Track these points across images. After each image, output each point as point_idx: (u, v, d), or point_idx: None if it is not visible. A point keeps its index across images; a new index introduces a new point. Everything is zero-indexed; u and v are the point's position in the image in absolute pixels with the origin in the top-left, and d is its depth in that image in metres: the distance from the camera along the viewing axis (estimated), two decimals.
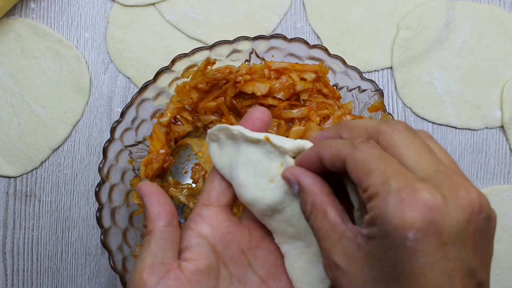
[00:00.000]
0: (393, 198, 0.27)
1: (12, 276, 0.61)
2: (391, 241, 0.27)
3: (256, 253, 0.38)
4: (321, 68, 0.52)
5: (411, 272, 0.27)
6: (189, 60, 0.52)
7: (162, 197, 0.35)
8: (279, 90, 0.51)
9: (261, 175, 0.36)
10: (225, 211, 0.38)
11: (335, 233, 0.31)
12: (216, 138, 0.39)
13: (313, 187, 0.32)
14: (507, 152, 0.63)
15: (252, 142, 0.37)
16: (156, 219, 0.35)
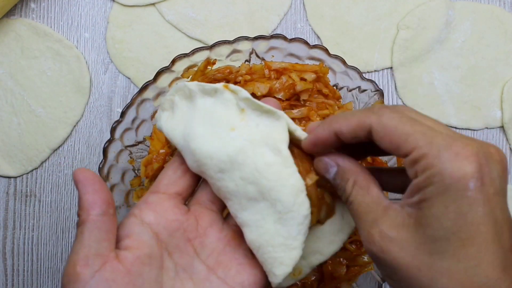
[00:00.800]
0: (447, 154, 0.28)
1: (12, 276, 0.61)
2: (453, 194, 0.28)
3: (204, 241, 0.37)
4: (321, 68, 0.52)
5: (473, 221, 0.28)
6: (189, 60, 0.52)
7: (98, 184, 0.33)
8: (279, 90, 0.51)
9: (220, 125, 0.35)
10: (173, 199, 0.36)
11: (379, 206, 0.31)
12: (169, 104, 0.37)
13: (354, 166, 0.33)
14: (507, 152, 0.63)
15: (209, 93, 0.35)
16: (89, 208, 0.32)
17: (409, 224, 0.30)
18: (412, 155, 0.29)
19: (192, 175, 0.38)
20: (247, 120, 0.35)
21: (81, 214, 0.33)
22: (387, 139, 0.30)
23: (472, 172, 0.28)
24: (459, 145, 0.28)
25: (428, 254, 0.29)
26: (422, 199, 0.29)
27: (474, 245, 0.28)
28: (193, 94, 0.36)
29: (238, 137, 0.34)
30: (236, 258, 0.37)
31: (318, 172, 0.35)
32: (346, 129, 0.32)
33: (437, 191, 0.28)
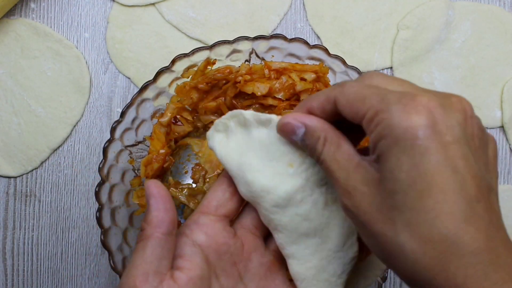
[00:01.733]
0: (395, 107, 0.28)
1: (12, 276, 0.61)
2: (402, 144, 0.27)
3: (248, 265, 0.37)
4: (321, 68, 0.52)
5: (427, 171, 0.27)
6: (189, 60, 0.52)
7: (169, 203, 0.34)
8: (279, 90, 0.51)
9: (277, 159, 0.35)
10: (222, 221, 0.37)
11: (351, 163, 0.31)
12: (224, 127, 0.37)
13: (323, 124, 0.33)
14: (507, 152, 0.63)
15: (264, 124, 0.35)
16: (158, 225, 0.33)
17: (375, 179, 0.29)
18: (367, 114, 0.29)
19: (239, 199, 0.38)
20: (305, 157, 0.35)
21: (147, 229, 0.33)
22: (348, 106, 0.31)
23: (420, 121, 0.27)
24: (409, 97, 0.28)
25: (390, 209, 0.28)
26: (379, 154, 0.29)
27: (431, 196, 0.27)
28: (248, 123, 0.36)
29: (296, 175, 0.35)
30: (276, 285, 0.37)
31: (284, 135, 0.34)
32: (316, 104, 0.33)
33: (388, 144, 0.28)
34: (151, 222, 0.33)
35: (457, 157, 0.27)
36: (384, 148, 0.28)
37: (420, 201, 0.27)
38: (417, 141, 0.27)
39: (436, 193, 0.27)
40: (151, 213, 0.33)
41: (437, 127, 0.27)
